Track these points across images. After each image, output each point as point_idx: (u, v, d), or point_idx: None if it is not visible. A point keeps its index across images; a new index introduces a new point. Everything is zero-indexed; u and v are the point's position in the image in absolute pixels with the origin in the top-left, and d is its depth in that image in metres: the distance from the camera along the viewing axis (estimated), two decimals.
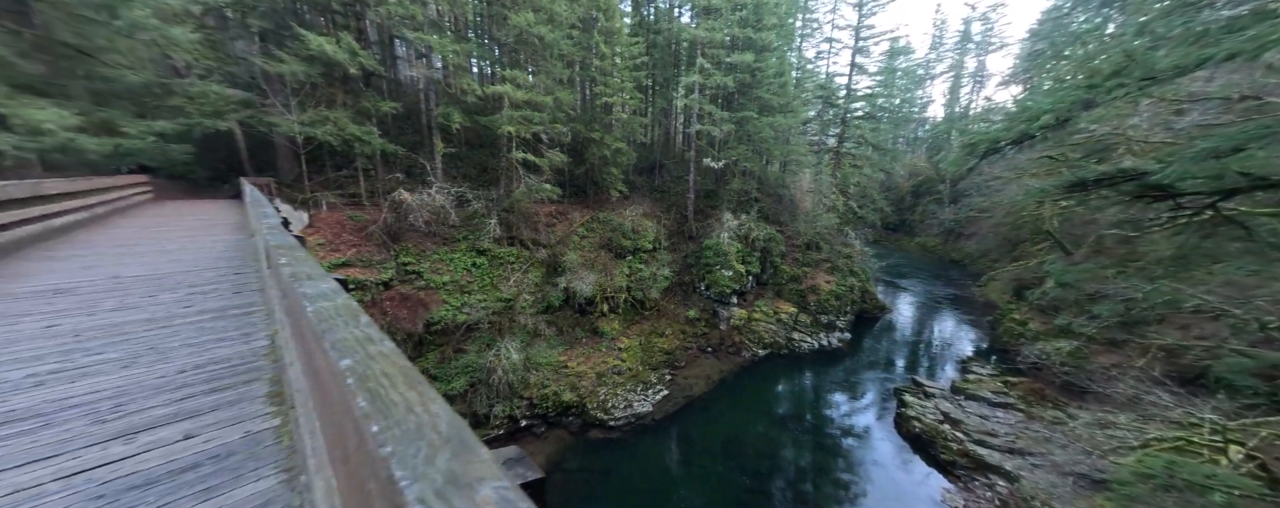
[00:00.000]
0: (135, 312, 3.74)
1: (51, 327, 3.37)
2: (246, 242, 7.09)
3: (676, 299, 22.24)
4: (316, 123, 13.98)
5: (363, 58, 14.24)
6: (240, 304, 3.98)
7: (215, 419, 2.15)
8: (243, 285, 4.62)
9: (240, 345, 3.06)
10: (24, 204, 6.40)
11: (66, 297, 4.17)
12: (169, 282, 4.69)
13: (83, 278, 4.79)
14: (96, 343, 3.08)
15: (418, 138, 20.54)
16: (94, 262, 5.54)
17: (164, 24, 9.87)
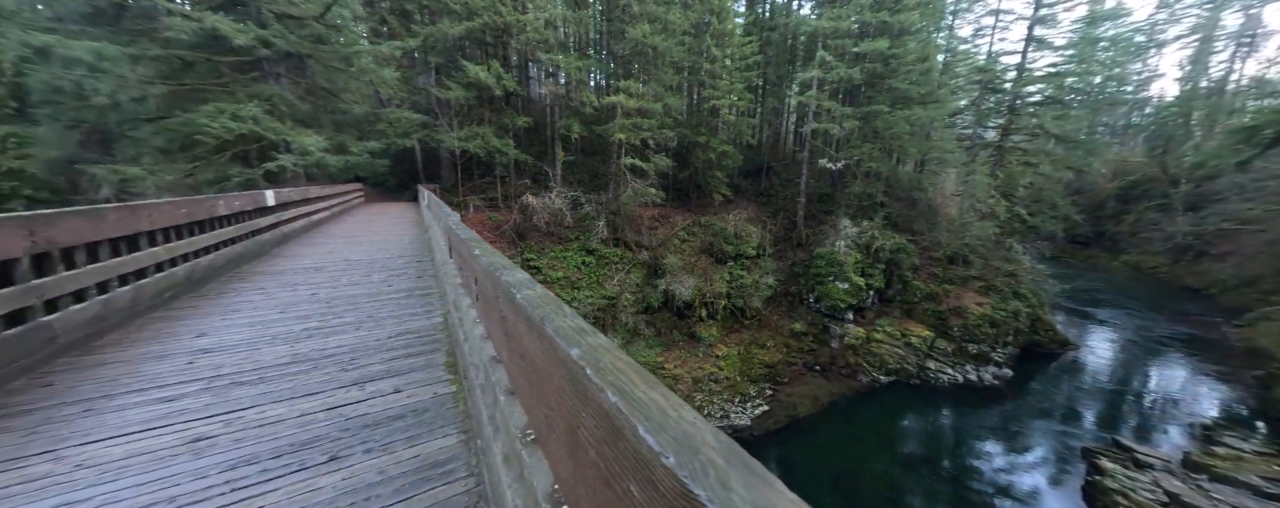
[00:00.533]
0: (359, 287, 4.87)
1: (314, 294, 4.59)
2: (422, 236, 8.82)
3: (780, 310, 20.74)
4: (469, 138, 16.82)
5: (505, 80, 16.67)
6: (421, 286, 4.92)
7: (413, 380, 2.62)
8: (423, 271, 5.71)
9: (424, 321, 3.73)
10: (300, 204, 9.07)
11: (320, 273, 5.66)
12: (377, 265, 6.12)
13: (328, 260, 6.47)
14: (340, 309, 4.09)
15: (542, 148, 23.22)
16: (335, 248, 7.48)
17: (379, 67, 13.05)
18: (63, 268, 3.05)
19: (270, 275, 5.44)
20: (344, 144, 13.29)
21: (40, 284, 2.81)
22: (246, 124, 10.48)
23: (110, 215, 3.50)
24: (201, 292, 4.67)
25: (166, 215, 4.34)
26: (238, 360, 2.84)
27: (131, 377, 2.62)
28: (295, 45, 11.55)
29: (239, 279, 5.25)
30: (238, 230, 6.01)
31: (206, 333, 3.38)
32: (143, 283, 3.92)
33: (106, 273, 3.45)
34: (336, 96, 14.08)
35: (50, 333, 2.87)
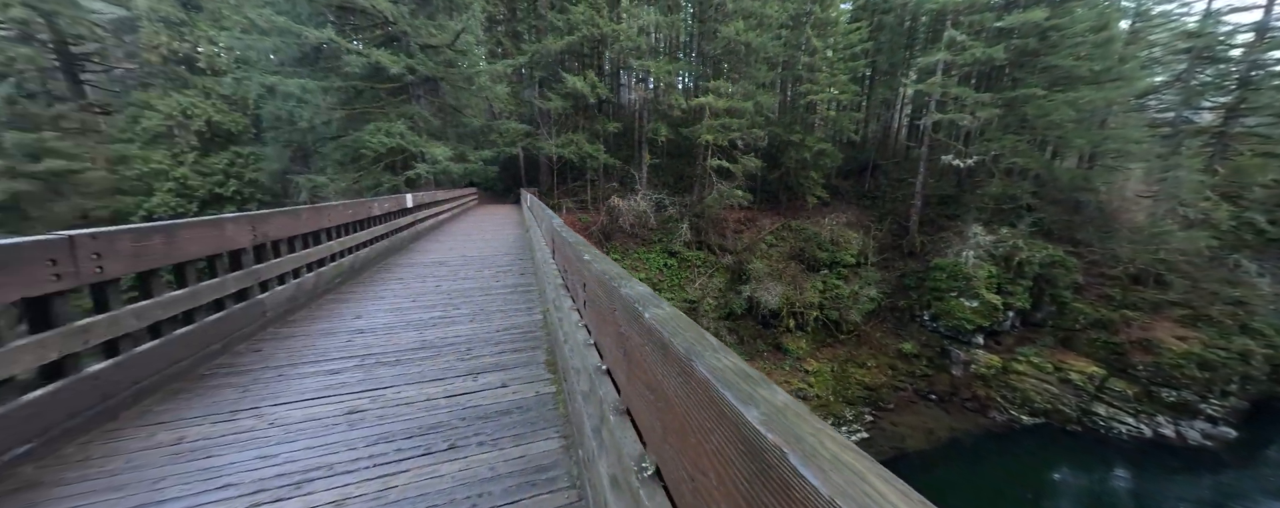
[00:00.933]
0: (472, 282, 5.36)
1: (438, 287, 5.10)
2: (524, 236, 9.60)
3: (885, 327, 18.28)
4: (565, 145, 18.05)
5: (599, 88, 17.54)
6: (523, 283, 5.28)
7: (518, 375, 2.74)
8: (524, 269, 6.12)
9: (526, 317, 3.93)
10: (430, 206, 10.59)
11: (443, 268, 6.31)
12: (487, 261, 6.75)
13: (449, 256, 7.20)
14: (457, 301, 4.48)
15: (630, 151, 23.93)
16: (454, 245, 8.42)
17: (494, 84, 14.74)
18: (272, 256, 3.79)
19: (406, 267, 6.25)
20: (464, 153, 15.26)
21: (258, 269, 3.52)
22: (396, 138, 12.63)
23: (304, 215, 4.33)
24: (360, 278, 5.50)
25: (340, 215, 5.23)
26: (382, 342, 3.27)
27: (309, 350, 3.15)
28: (433, 70, 13.60)
29: (385, 270, 6.08)
30: (386, 228, 7.01)
31: (361, 316, 3.95)
32: (323, 270, 4.74)
33: (300, 261, 4.23)
34: (460, 112, 16.26)
35: (262, 309, 3.57)
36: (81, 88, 15.83)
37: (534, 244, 7.00)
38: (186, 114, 15.30)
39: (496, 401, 2.42)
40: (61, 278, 2.03)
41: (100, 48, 16.08)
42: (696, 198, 20.91)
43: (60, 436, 1.98)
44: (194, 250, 2.84)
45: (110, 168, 14.91)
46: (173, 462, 1.89)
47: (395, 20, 12.74)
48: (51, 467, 1.85)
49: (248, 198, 16.80)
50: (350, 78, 13.20)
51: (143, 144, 15.12)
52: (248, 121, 16.42)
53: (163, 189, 15.11)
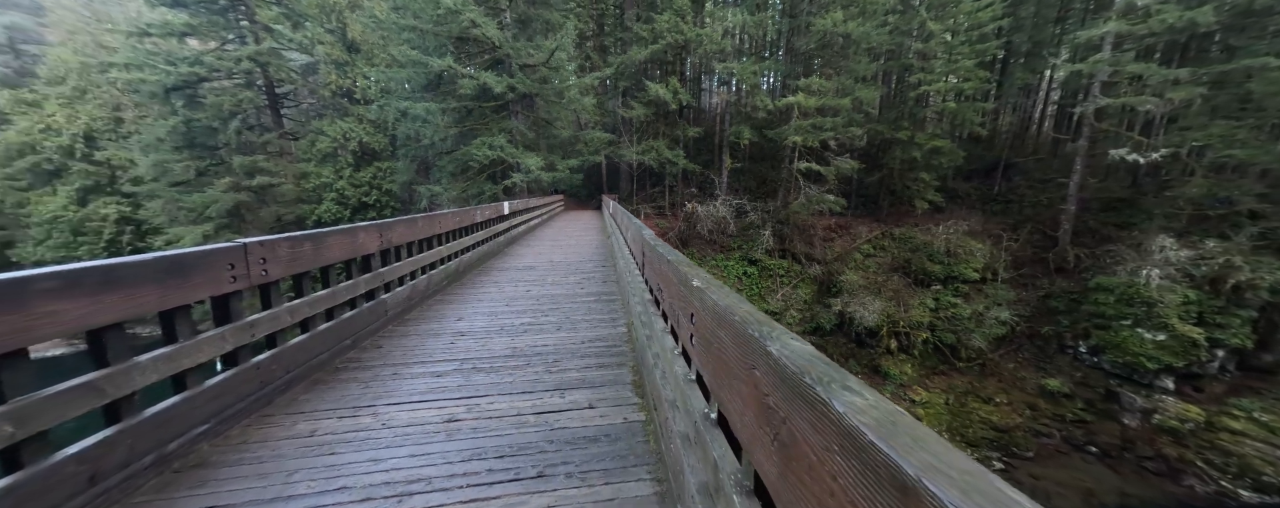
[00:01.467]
0: (559, 288, 5.51)
1: (528, 292, 5.31)
2: (606, 242, 9.83)
3: (1022, 357, 15.15)
4: (645, 151, 18.34)
5: (681, 94, 17.52)
6: (607, 292, 5.30)
7: (605, 396, 2.61)
8: (607, 277, 6.17)
9: (610, 329, 3.85)
10: (524, 213, 11.46)
11: (533, 273, 6.53)
12: (572, 268, 6.91)
13: (538, 261, 7.54)
14: (546, 307, 4.60)
15: (710, 156, 23.48)
16: (543, 250, 8.73)
17: (582, 96, 15.60)
18: (394, 261, 4.14)
19: (501, 271, 6.61)
20: (554, 162, 16.35)
21: (383, 272, 3.85)
22: (497, 151, 14.01)
23: (420, 223, 4.70)
24: (463, 281, 5.89)
25: (449, 223, 5.63)
26: (479, 347, 3.42)
27: (419, 349, 3.37)
28: (529, 87, 14.85)
29: (483, 273, 6.44)
30: (487, 234, 7.50)
31: (462, 318, 4.22)
32: (433, 273, 5.09)
33: (415, 265, 4.56)
34: (551, 124, 17.51)
35: (385, 308, 3.88)
36: (281, 119, 20.46)
37: (616, 252, 7.04)
38: (346, 137, 18.85)
39: (584, 424, 2.35)
40: (237, 280, 2.34)
41: (294, 88, 20.64)
42: (781, 203, 19.67)
43: (229, 417, 2.24)
44: (334, 255, 3.15)
45: (296, 182, 18.95)
46: (305, 454, 2.07)
47: (500, 45, 14.20)
48: (220, 447, 2.09)
49: (384, 205, 20.05)
50: (463, 99, 15.03)
51: (316, 162, 18.96)
52: (387, 141, 19.64)
53: (329, 198, 18.77)
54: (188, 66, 16.62)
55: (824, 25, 15.15)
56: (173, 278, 1.97)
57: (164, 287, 1.93)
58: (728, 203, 18.71)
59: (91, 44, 19.86)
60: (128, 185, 18.82)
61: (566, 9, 17.52)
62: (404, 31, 13.58)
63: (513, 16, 15.51)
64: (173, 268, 1.97)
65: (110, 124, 19.68)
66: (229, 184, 17.36)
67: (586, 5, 22.63)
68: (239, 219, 18.17)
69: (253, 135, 18.84)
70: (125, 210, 19.29)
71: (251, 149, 18.44)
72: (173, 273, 1.97)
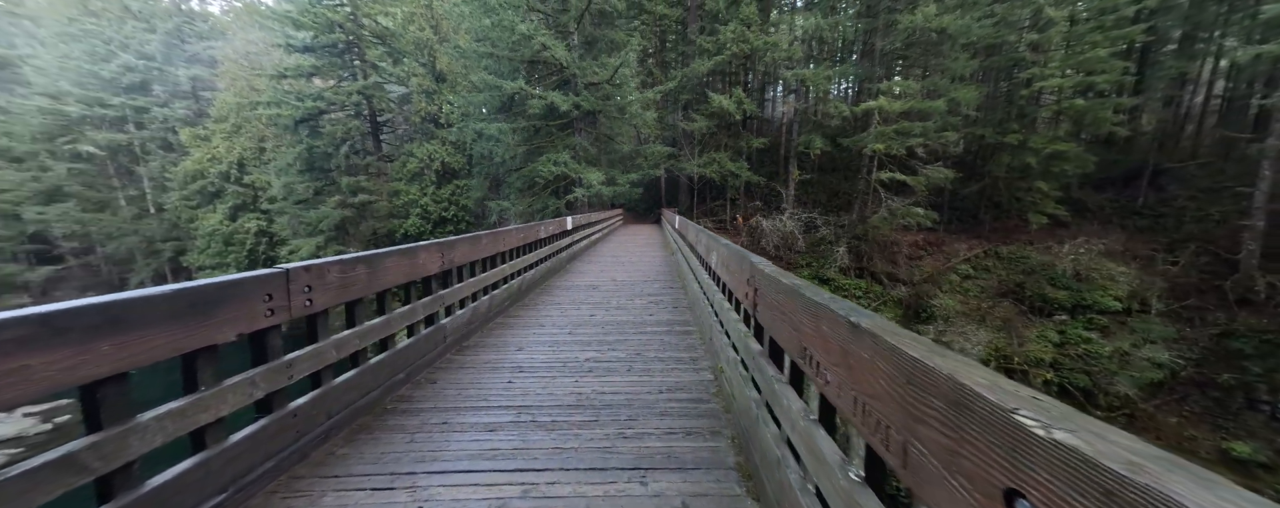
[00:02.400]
0: (625, 313, 5.03)
1: (592, 316, 4.86)
2: (670, 259, 9.36)
3: (1190, 410, 12.00)
4: (707, 164, 17.82)
5: (746, 105, 16.83)
6: (679, 320, 4.70)
7: (702, 487, 1.94)
8: (676, 301, 5.59)
9: (692, 374, 3.21)
10: (586, 227, 11.48)
11: (596, 293, 6.07)
12: (637, 289, 6.40)
13: (601, 279, 7.13)
14: (612, 338, 4.09)
15: (774, 168, 22.27)
16: (605, 268, 8.36)
17: (644, 111, 15.60)
18: (455, 282, 3.80)
19: (563, 291, 6.24)
20: (614, 177, 16.48)
21: (443, 294, 3.54)
22: (561, 167, 14.40)
23: (483, 241, 4.39)
24: (524, 301, 5.56)
25: (512, 240, 5.32)
26: (539, 390, 2.96)
27: (473, 387, 3.01)
28: (593, 105, 15.18)
29: (545, 293, 6.08)
30: (550, 250, 7.14)
31: (523, 347, 3.84)
32: (495, 293, 4.74)
33: (478, 286, 4.27)
34: (612, 140, 17.75)
35: (444, 334, 3.55)
36: (380, 144, 23.17)
37: (684, 273, 6.55)
38: (431, 158, 20.76)
39: None
40: (274, 313, 1.96)
41: (392, 116, 23.32)
42: (857, 217, 17.93)
43: (254, 482, 1.85)
44: (391, 279, 2.86)
45: (388, 199, 21.19)
46: None
47: (567, 65, 14.72)
48: None
49: (460, 219, 21.65)
50: (531, 118, 15.76)
51: (406, 181, 21.07)
52: (464, 160, 21.30)
53: (414, 213, 20.70)
54: (312, 101, 19.50)
55: (912, 22, 13.66)
56: (193, 316, 1.61)
57: (182, 327, 1.56)
58: (796, 216, 17.46)
59: (247, 88, 24.23)
60: (265, 204, 22.39)
61: (631, 28, 17.85)
62: (483, 58, 14.62)
63: (580, 38, 16.09)
64: (194, 303, 1.61)
65: (256, 152, 23.70)
66: (337, 202, 19.88)
67: (649, 23, 22.94)
68: (344, 233, 20.68)
69: (357, 158, 21.50)
70: (262, 224, 22.94)
71: (355, 171, 21.02)
72: (194, 309, 1.61)
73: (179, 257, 24.86)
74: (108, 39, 24.09)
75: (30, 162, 22.86)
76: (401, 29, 20.80)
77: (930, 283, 15.91)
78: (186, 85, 26.36)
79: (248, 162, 23.48)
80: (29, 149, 22.72)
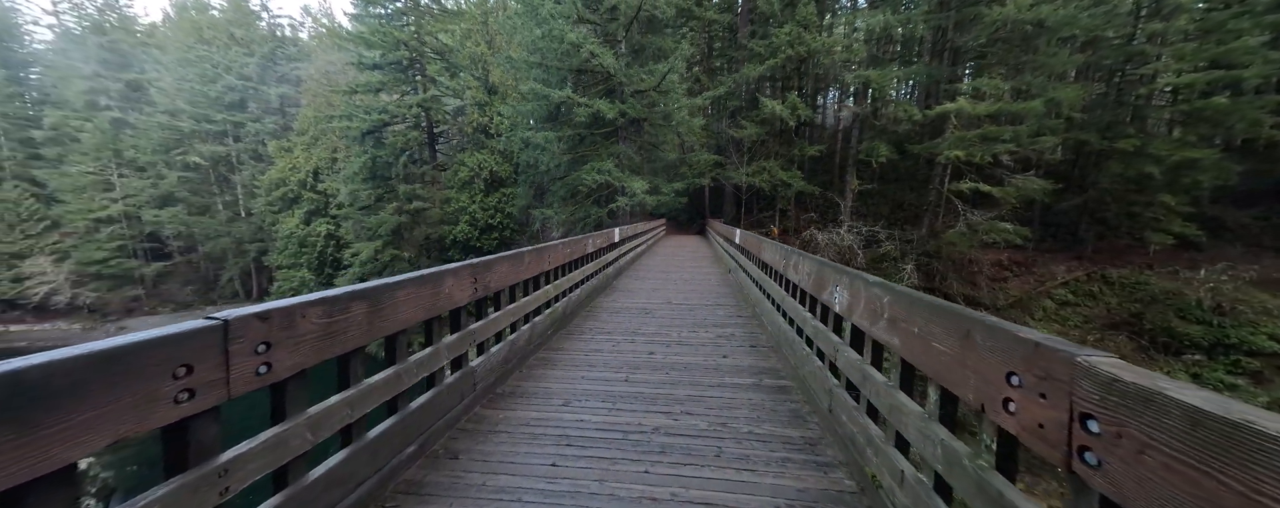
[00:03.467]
0: (692, 350, 4.05)
1: (651, 355, 3.91)
2: (726, 277, 8.51)
3: None
4: (756, 173, 16.88)
5: (801, 110, 15.78)
6: (767, 367, 3.64)
7: None
8: (752, 336, 4.55)
9: (815, 474, 2.14)
10: (632, 239, 10.93)
11: (650, 319, 5.14)
12: (699, 315, 5.45)
13: (653, 301, 6.19)
14: (681, 391, 3.13)
15: (828, 177, 20.78)
16: (656, 285, 7.41)
17: (690, 118, 15.04)
18: (491, 311, 3.09)
19: (611, 314, 5.51)
20: (658, 186, 16.00)
21: (474, 329, 2.79)
22: (605, 175, 14.13)
23: (526, 259, 3.65)
24: (567, 328, 4.80)
25: (559, 256, 4.56)
26: (594, 485, 2.07)
27: (506, 469, 2.20)
28: (639, 112, 14.85)
29: (591, 316, 5.37)
30: (596, 265, 6.38)
31: (569, 402, 3.00)
32: (536, 320, 3.97)
33: (517, 313, 3.51)
34: (657, 148, 17.32)
35: (473, 379, 2.71)
36: (435, 154, 24.36)
37: (753, 297, 5.67)
38: (480, 166, 21.43)
39: None
40: (195, 395, 1.19)
41: (447, 127, 24.48)
42: (926, 231, 16.16)
43: None
44: (405, 317, 2.10)
45: (440, 206, 22.10)
46: None
47: (614, 73, 14.52)
48: None
49: (505, 227, 22.11)
50: (576, 127, 15.70)
51: (456, 189, 21.88)
52: (511, 169, 21.80)
53: (463, 220, 21.40)
54: (378, 114, 20.84)
55: (1001, 15, 12.08)
56: (48, 414, 0.91)
57: (20, 439, 0.87)
58: (855, 229, 16.01)
59: (324, 103, 26.56)
60: (334, 209, 24.21)
61: (679, 34, 17.46)
62: (532, 68, 14.79)
63: (627, 46, 15.91)
64: (29, 397, 0.88)
65: (329, 162, 25.78)
66: (394, 208, 20.99)
67: (697, 28, 22.46)
68: (399, 237, 21.78)
69: (414, 167, 22.68)
70: (331, 228, 24.80)
71: (412, 179, 22.15)
72: (35, 406, 0.89)
73: (262, 257, 27.44)
74: (216, 63, 27.38)
75: (150, 170, 26.30)
76: (459, 45, 21.80)
77: (1019, 308, 13.88)
78: (275, 102, 29.35)
79: (322, 170, 25.54)
80: (150, 159, 26.16)
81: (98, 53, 28.05)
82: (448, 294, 2.48)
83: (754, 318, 5.30)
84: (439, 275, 2.40)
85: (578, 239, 5.59)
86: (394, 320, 2.04)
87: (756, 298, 5.47)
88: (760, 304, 5.22)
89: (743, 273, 6.97)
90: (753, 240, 6.20)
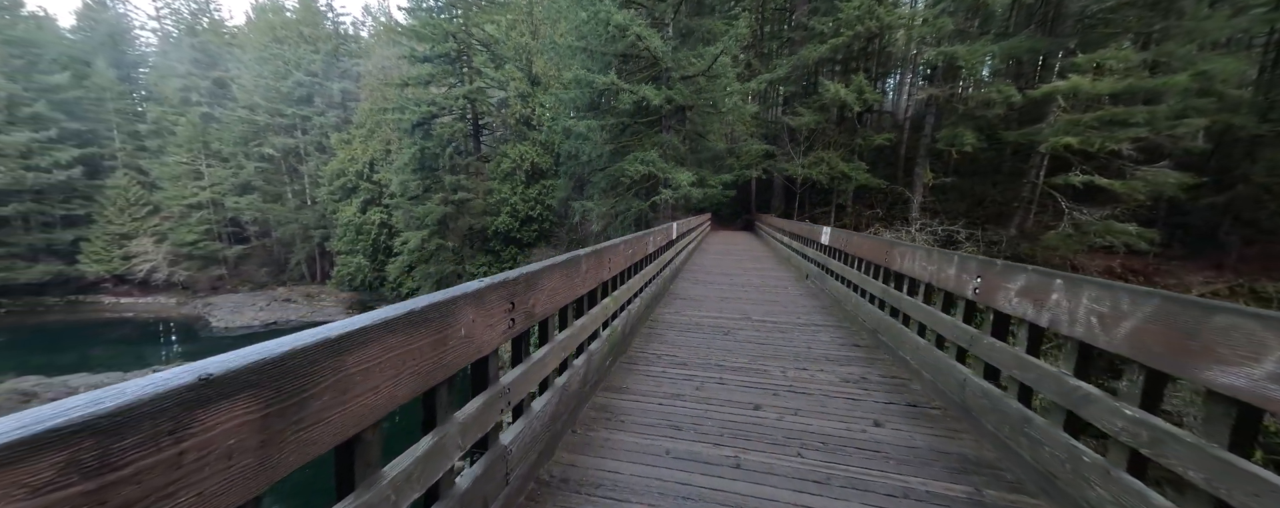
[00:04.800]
0: (815, 408, 2.79)
1: (757, 411, 2.74)
2: (804, 284, 7.11)
3: None
4: (814, 164, 15.39)
5: (868, 94, 14.12)
6: (965, 457, 2.26)
7: None
8: (899, 386, 3.16)
9: None
10: (689, 232, 9.79)
11: (730, 342, 4.04)
12: (797, 341, 4.17)
13: (725, 314, 4.93)
14: (822, 473, 2.08)
15: (892, 170, 18.71)
16: (722, 292, 6.22)
17: (743, 105, 13.86)
18: (532, 348, 2.03)
19: (679, 332, 4.39)
20: (705, 178, 14.98)
21: (508, 385, 1.76)
22: (649, 166, 13.35)
23: (583, 267, 2.57)
24: (628, 354, 3.76)
25: (621, 258, 3.53)
26: None
27: None
28: (686, 98, 13.89)
29: (654, 335, 4.29)
30: (655, 268, 5.30)
31: (634, 496, 1.94)
32: (592, 349, 2.86)
33: (571, 346, 2.44)
34: (704, 137, 16.26)
35: (504, 464, 1.73)
36: (479, 145, 24.68)
37: (870, 319, 4.25)
38: (522, 158, 21.37)
39: None
40: None
41: (491, 119, 24.69)
42: (1016, 231, 14.05)
43: None
44: (395, 394, 1.14)
45: (483, 197, 22.34)
46: None
47: (662, 58, 13.63)
48: None
49: (544, 219, 21.98)
50: (619, 115, 15.00)
51: (499, 181, 22.00)
52: (552, 161, 21.56)
53: (504, 211, 21.50)
54: (427, 106, 21.30)
55: None
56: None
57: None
58: (927, 229, 14.20)
59: (380, 98, 27.76)
60: (386, 199, 25.29)
61: (730, 15, 16.22)
62: (577, 53, 14.23)
63: (675, 30, 14.94)
64: None
65: (383, 154, 26.96)
66: (440, 199, 21.45)
67: (750, 9, 20.93)
68: (444, 227, 22.29)
69: (459, 158, 23.06)
70: (383, 217, 25.98)
71: (457, 170, 22.54)
72: None
73: (324, 242, 29.35)
74: (287, 60, 29.33)
75: (232, 161, 28.75)
76: (504, 36, 21.72)
77: None
78: (338, 97, 31.08)
79: (377, 162, 26.73)
80: (231, 150, 28.59)
81: (190, 53, 30.96)
82: (467, 337, 1.43)
83: (883, 349, 3.90)
84: (450, 306, 1.33)
85: (638, 237, 4.37)
86: (383, 400, 1.09)
87: (887, 326, 3.89)
88: (900, 337, 3.60)
89: (839, 282, 5.62)
90: (871, 246, 4.54)
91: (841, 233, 5.74)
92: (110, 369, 15.72)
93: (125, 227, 27.54)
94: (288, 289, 28.78)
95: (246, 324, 23.59)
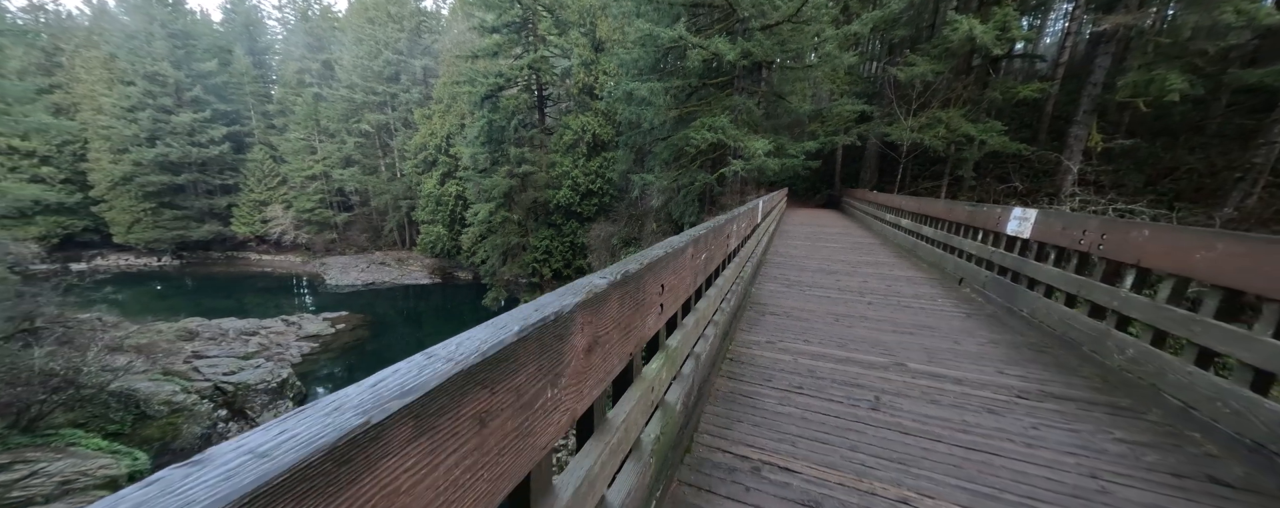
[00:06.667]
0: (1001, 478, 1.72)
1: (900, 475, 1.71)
2: (963, 296, 4.76)
3: None
4: (928, 126, 12.48)
5: (1015, 30, 10.80)
6: None
7: None
8: None
9: None
10: (770, 210, 7.57)
11: (877, 428, 2.14)
12: (1025, 430, 2.14)
13: (855, 357, 3.02)
14: None
15: (1031, 132, 14.66)
16: (839, 307, 4.22)
17: (839, 55, 11.42)
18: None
19: (779, 398, 2.44)
20: (783, 146, 12.93)
21: None
22: (717, 133, 11.73)
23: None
24: (713, 391, 2.49)
25: (695, 259, 2.08)
26: None
27: None
28: (767, 53, 11.82)
29: (734, 407, 2.34)
30: (735, 268, 3.49)
31: None
32: (697, 350, 2.10)
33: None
34: (784, 99, 13.98)
35: None
36: (543, 117, 24.45)
37: (1204, 395, 2.11)
38: (583, 130, 20.66)
39: None
40: None
41: (554, 90, 24.19)
42: (1234, 212, 10.22)
43: None
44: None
45: (546, 170, 22.22)
46: None
47: (738, 4, 11.59)
48: None
49: (604, 192, 21.31)
50: (687, 77, 13.34)
51: (561, 154, 21.62)
52: (613, 132, 20.55)
53: (566, 185, 21.21)
54: (495, 78, 21.32)
55: None
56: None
57: None
58: (1091, 206, 10.86)
59: (455, 72, 28.70)
60: (461, 172, 26.49)
61: None
62: (642, 5, 12.72)
63: None
64: None
65: (458, 128, 28.12)
66: (506, 171, 21.75)
67: None
68: (510, 200, 22.73)
69: (524, 131, 23.06)
70: (459, 189, 27.40)
71: (521, 142, 22.60)
72: None
73: (410, 211, 32.04)
74: (377, 40, 31.39)
75: (336, 136, 32.08)
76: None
77: None
78: (420, 74, 32.82)
79: (453, 135, 27.98)
80: (336, 127, 31.83)
81: (304, 38, 34.53)
82: None
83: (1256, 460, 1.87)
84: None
85: (717, 225, 2.57)
86: None
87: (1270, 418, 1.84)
88: None
89: (1057, 302, 3.44)
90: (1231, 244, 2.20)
91: (1060, 217, 3.45)
92: (252, 315, 18.72)
93: (262, 195, 32.48)
94: (382, 254, 32.17)
95: (351, 283, 26.84)
